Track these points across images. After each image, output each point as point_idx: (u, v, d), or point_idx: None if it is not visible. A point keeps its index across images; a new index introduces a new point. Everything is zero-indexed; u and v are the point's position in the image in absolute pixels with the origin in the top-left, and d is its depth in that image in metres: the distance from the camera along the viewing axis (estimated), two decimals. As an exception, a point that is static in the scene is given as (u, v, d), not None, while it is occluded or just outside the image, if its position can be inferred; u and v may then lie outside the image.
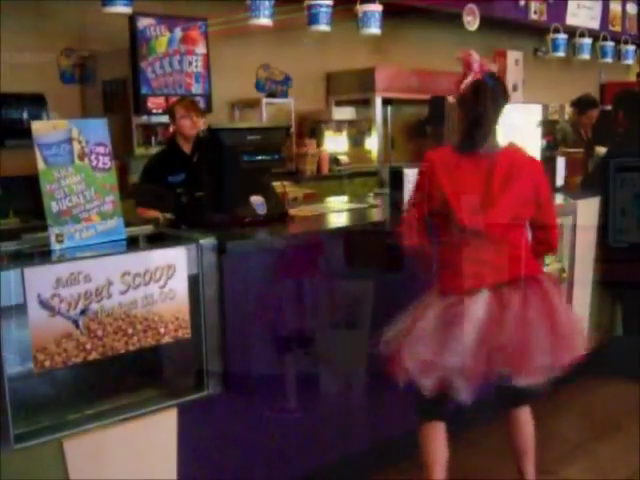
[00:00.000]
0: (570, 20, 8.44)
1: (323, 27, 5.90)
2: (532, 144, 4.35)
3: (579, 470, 3.59)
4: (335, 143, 7.29)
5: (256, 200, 3.20)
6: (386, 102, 7.45)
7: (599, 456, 3.70)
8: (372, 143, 7.38)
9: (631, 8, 9.40)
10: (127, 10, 4.87)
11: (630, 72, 11.11)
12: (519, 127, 4.20)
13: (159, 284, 2.56)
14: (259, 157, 3.15)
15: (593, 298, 4.56)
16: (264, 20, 5.53)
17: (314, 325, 3.11)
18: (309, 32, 6.06)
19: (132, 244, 2.71)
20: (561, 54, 8.22)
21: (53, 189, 2.54)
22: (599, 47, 8.79)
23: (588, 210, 4.42)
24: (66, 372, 2.46)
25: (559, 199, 4.30)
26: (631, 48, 9.22)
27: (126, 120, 5.48)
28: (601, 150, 5.01)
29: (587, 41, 8.46)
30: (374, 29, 6.20)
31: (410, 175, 3.59)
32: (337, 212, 3.76)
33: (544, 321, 2.76)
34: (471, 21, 7.17)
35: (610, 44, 8.85)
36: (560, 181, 4.55)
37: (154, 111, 5.42)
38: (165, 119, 5.46)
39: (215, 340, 2.76)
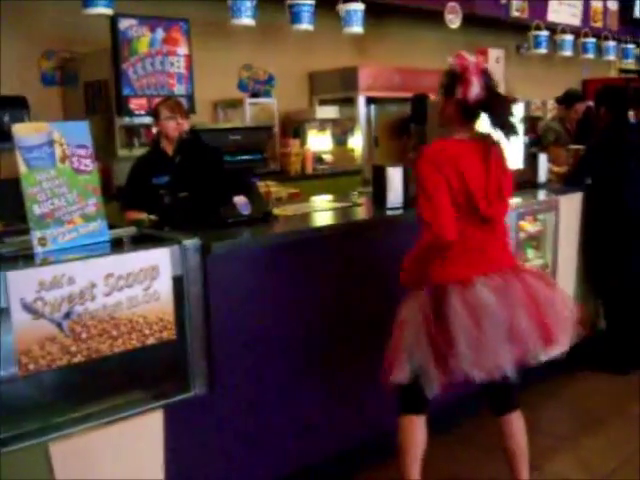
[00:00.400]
0: (551, 17, 8.50)
1: (305, 26, 5.92)
2: (515, 141, 4.38)
3: (563, 463, 3.62)
4: (319, 142, 7.30)
5: (240, 200, 3.20)
6: (369, 101, 7.46)
7: (583, 450, 3.73)
8: (356, 142, 7.40)
9: (612, 4, 9.48)
10: (108, 11, 4.87)
11: (611, 68, 11.20)
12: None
13: (143, 286, 2.56)
14: (242, 157, 3.16)
15: (576, 293, 4.60)
16: (246, 20, 5.54)
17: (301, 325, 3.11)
18: (292, 31, 6.08)
19: (116, 246, 2.70)
20: (543, 51, 8.26)
21: (35, 192, 2.53)
22: (581, 43, 8.84)
23: (571, 205, 4.45)
24: (51, 375, 2.45)
25: (542, 195, 4.34)
26: (612, 44, 9.28)
27: (108, 122, 5.46)
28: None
29: (569, 37, 8.51)
30: (356, 28, 6.22)
31: (393, 173, 3.62)
32: (322, 211, 3.76)
33: (547, 293, 2.87)
34: (453, 19, 7.20)
35: (591, 40, 8.90)
36: (543, 177, 4.59)
37: (136, 112, 5.40)
38: (148, 120, 5.45)
39: (200, 341, 2.75)
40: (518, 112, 4.41)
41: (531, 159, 4.52)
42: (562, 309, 2.90)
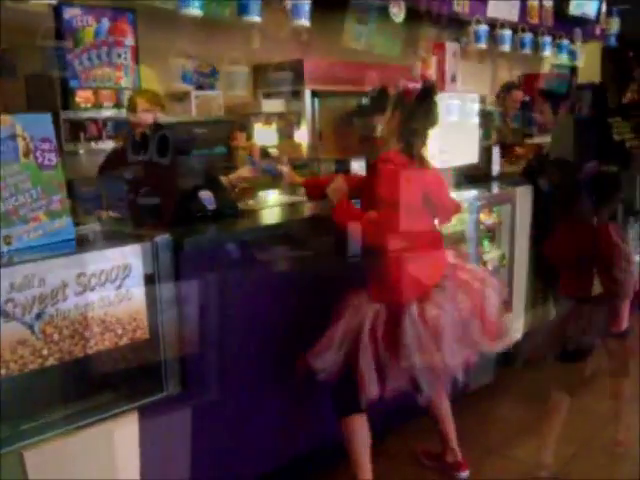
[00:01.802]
0: (491, 12, 8.61)
1: (253, 17, 5.83)
2: (470, 133, 4.44)
3: (525, 450, 3.71)
4: (265, 136, 7.22)
5: (204, 195, 3.12)
6: (315, 94, 7.42)
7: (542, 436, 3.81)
8: (302, 135, 7.35)
9: (547, 1, 9.67)
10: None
11: (545, 63, 11.44)
12: (458, 116, 4.28)
13: (115, 284, 2.48)
14: (208, 151, 3.08)
15: (529, 283, 4.68)
16: (194, 11, 5.43)
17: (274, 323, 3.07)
18: (236, 23, 5.98)
19: (84, 244, 2.61)
20: (483, 45, 8.38)
21: (-1, 188, 2.42)
22: (518, 39, 9.00)
23: (526, 197, 4.52)
24: (22, 379, 2.34)
25: (498, 187, 4.39)
26: (547, 40, 9.47)
27: (53, 115, 5.24)
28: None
29: (507, 32, 8.65)
30: (303, 20, 6.17)
31: (357, 169, 3.62)
32: (286, 205, 3.71)
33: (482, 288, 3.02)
34: (397, 13, 7.22)
35: (528, 35, 9.07)
36: (496, 170, 4.65)
37: (83, 105, 5.23)
38: (94, 114, 5.31)
39: (173, 340, 2.68)
40: (473, 106, 4.49)
41: (485, 152, 4.58)
42: (495, 302, 3.04)
